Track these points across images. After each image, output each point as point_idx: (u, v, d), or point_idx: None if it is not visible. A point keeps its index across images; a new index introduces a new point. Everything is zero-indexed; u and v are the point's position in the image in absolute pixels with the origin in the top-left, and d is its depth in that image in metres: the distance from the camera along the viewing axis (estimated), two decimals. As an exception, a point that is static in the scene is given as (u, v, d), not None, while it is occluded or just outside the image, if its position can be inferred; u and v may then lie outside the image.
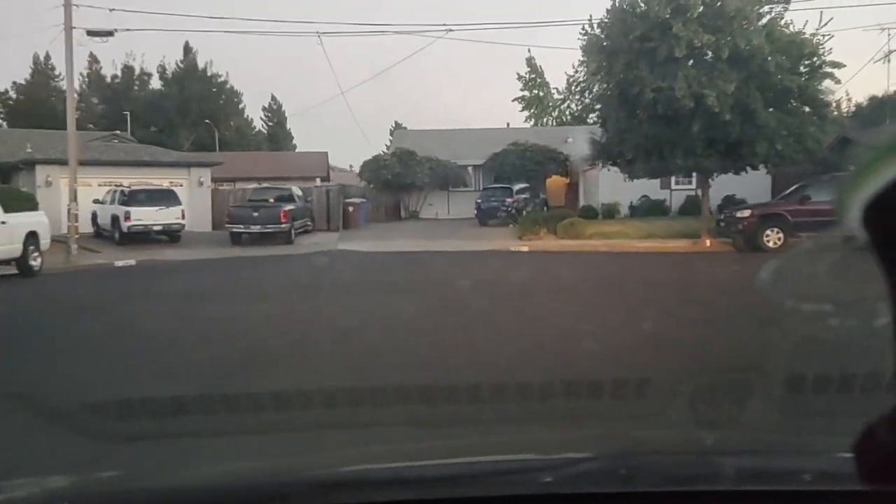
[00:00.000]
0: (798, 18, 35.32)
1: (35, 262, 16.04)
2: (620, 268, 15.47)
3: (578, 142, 33.76)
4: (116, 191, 23.79)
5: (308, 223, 26.84)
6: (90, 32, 19.98)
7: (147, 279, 16.43)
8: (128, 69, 57.98)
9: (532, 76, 54.90)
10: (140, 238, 22.92)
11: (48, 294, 14.13)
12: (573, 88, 53.25)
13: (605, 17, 19.26)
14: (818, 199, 17.47)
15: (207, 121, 54.33)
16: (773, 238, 17.49)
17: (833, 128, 18.78)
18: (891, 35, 46.77)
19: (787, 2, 18.60)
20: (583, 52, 20.08)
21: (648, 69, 18.09)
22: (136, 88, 58.31)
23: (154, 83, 58.31)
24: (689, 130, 17.97)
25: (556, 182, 33.75)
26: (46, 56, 54.40)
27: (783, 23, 18.46)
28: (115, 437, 3.97)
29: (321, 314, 10.05)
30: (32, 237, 15.89)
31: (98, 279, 16.62)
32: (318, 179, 39.97)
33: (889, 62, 35.55)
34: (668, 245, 20.24)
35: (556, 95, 54.55)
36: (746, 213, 17.82)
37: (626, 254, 19.32)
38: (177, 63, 57.65)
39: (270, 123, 65.99)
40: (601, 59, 19.25)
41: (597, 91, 20.66)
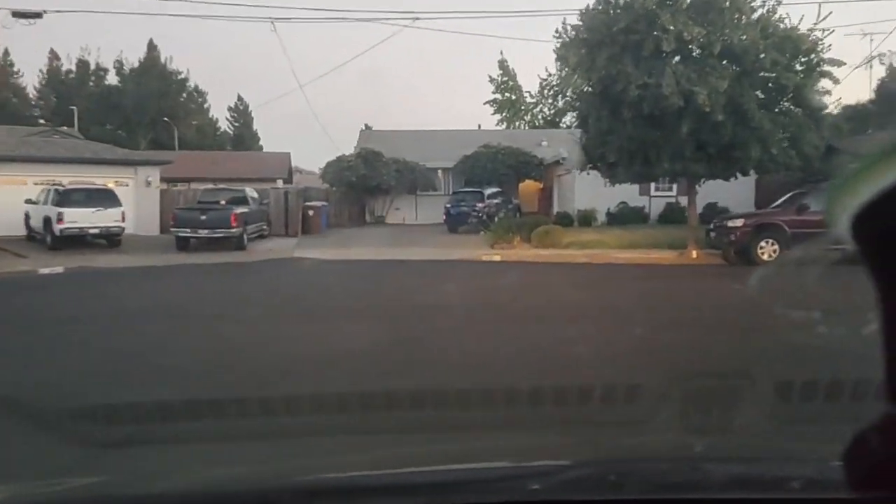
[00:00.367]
0: (792, 14, 34.09)
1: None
2: (603, 283, 13.82)
3: (553, 145, 32.36)
4: (50, 190, 21.63)
5: (264, 227, 24.90)
6: (15, 14, 17.90)
7: (62, 291, 14.39)
8: (83, 64, 55.45)
9: (504, 79, 53.53)
10: (75, 242, 20.80)
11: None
12: (546, 92, 52.93)
13: (587, 8, 17.65)
14: (818, 209, 16.01)
15: (166, 119, 52.03)
16: (768, 251, 15.99)
17: (830, 132, 17.36)
18: (873, 40, 45.95)
19: (782, -6, 17.17)
20: (557, 57, 18.43)
21: (633, 64, 16.52)
22: (92, 84, 55.77)
23: (111, 79, 55.80)
24: (678, 131, 16.43)
25: (530, 187, 32.19)
26: (6, 52, 52.03)
27: (777, 17, 17.00)
28: (100, 443, 3.82)
29: (238, 343, 8.16)
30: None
31: (6, 291, 14.52)
32: (281, 181, 37.97)
33: (871, 68, 34.66)
34: (652, 256, 18.69)
35: (529, 99, 53.32)
36: (739, 223, 16.29)
37: (608, 266, 17.71)
38: (139, 59, 55.26)
39: (236, 124, 63.87)
40: (582, 54, 17.64)
41: (575, 87, 19.05)
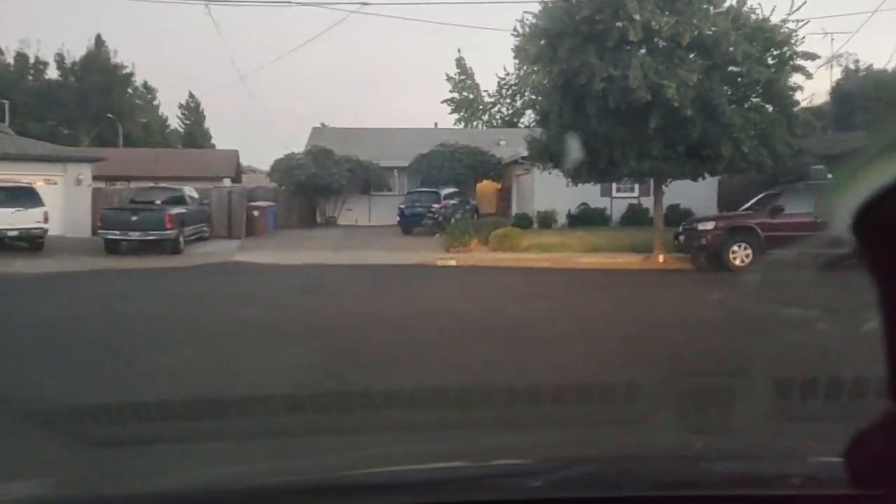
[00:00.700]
0: (764, 4, 33.49)
1: None
2: (568, 291, 12.63)
3: (511, 144, 31.28)
4: (-35, 189, 19.73)
5: (204, 229, 23.25)
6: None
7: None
8: (21, 57, 52.71)
9: (462, 77, 52.37)
10: (-10, 245, 18.98)
11: None
12: (504, 92, 51.93)
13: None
14: (793, 211, 15.10)
15: (110, 115, 49.64)
16: (741, 255, 15.02)
17: (803, 129, 16.49)
18: (834, 39, 45.65)
19: (753, -17, 16.23)
20: (516, 52, 17.20)
21: (598, 56, 15.41)
22: (31, 78, 53.05)
23: (52, 73, 53.14)
24: (645, 128, 15.37)
25: (488, 187, 31.04)
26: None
27: (749, 7, 16.06)
28: (100, 443, 3.71)
29: (96, 375, 6.72)
30: None
31: None
32: (228, 180, 36.19)
33: (832, 68, 34.38)
34: (618, 261, 17.61)
35: (487, 98, 52.25)
36: (710, 226, 15.28)
37: (571, 271, 16.56)
38: (83, 53, 52.68)
39: (187, 122, 61.66)
40: (542, 45, 16.47)
41: (535, 84, 17.90)
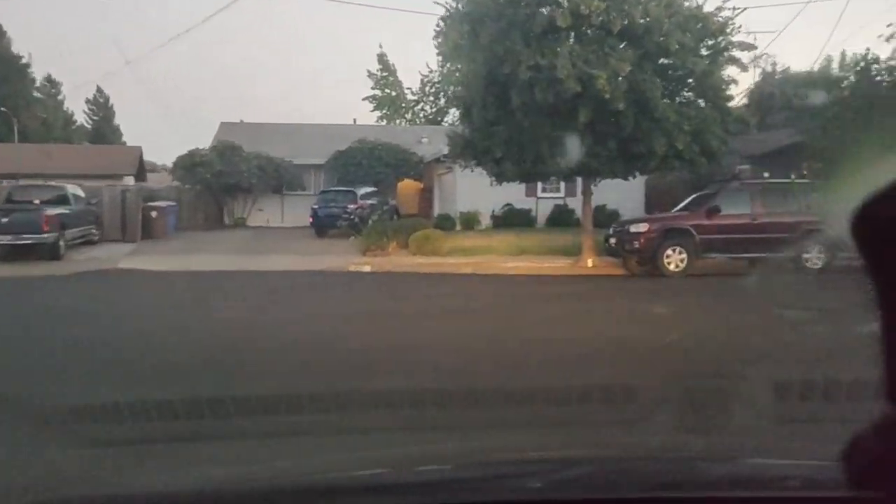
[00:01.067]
0: None
1: None
2: (489, 302, 11.21)
3: (434, 142, 29.92)
4: None
5: (93, 232, 20.97)
6: None
7: None
8: None
9: (384, 74, 50.74)
10: None
11: None
12: (427, 89, 50.56)
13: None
14: (730, 212, 14.18)
15: (3, 109, 45.84)
16: (675, 259, 13.99)
17: (737, 126, 15.63)
18: (756, 38, 45.98)
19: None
20: (437, 41, 15.79)
21: (523, 43, 14.13)
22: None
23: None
24: (574, 122, 14.17)
25: (409, 187, 29.53)
26: None
27: (681, -7, 15.07)
28: (100, 443, 3.81)
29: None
30: None
31: None
32: (132, 179, 33.61)
33: (756, 68, 34.25)
34: (545, 265, 16.40)
35: (411, 96, 50.80)
36: (643, 228, 14.21)
37: (496, 277, 15.24)
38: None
39: (95, 118, 57.97)
40: (464, 31, 15.11)
41: (457, 78, 16.52)
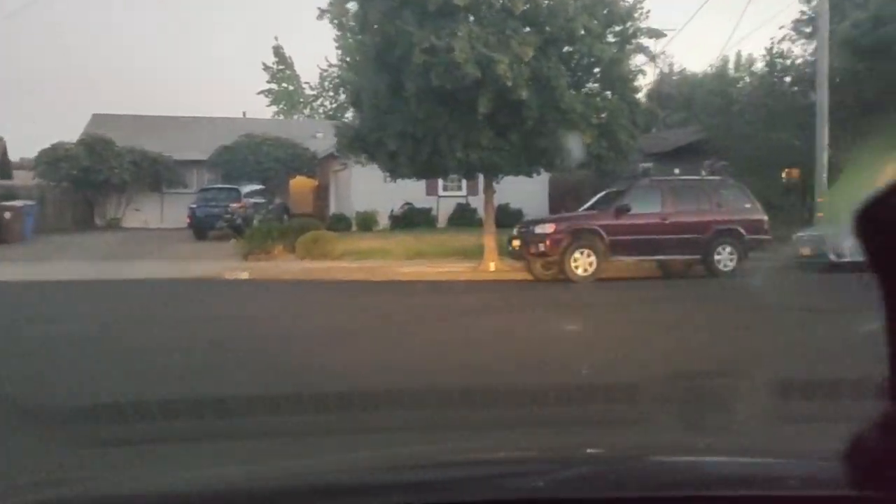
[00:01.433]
0: None
1: None
2: (375, 319, 9.58)
3: (329, 137, 28.11)
4: None
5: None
6: None
7: None
8: None
9: (280, 67, 48.30)
10: None
11: None
12: (326, 84, 48.46)
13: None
14: (640, 211, 13.15)
15: None
16: (583, 263, 12.83)
17: (645, 118, 14.68)
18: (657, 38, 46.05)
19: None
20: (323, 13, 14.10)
21: (417, 23, 12.65)
22: None
23: None
24: (474, 112, 12.83)
25: (302, 184, 27.70)
26: None
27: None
28: (101, 442, 3.76)
29: None
30: None
31: None
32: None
33: (656, 68, 34.19)
34: (444, 269, 15.00)
35: (309, 91, 48.57)
36: (549, 229, 12.98)
37: (389, 284, 13.72)
38: None
39: (-39, 109, 52.80)
40: (353, 8, 13.54)
41: (341, 56, 14.89)
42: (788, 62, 19.62)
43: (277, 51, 47.22)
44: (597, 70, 14.37)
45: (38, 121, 54.26)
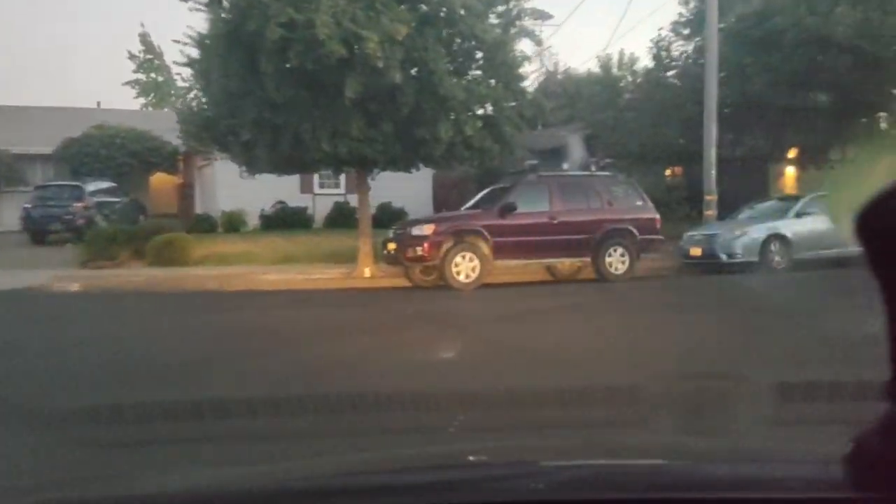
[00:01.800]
0: None
1: None
2: (214, 337, 7.78)
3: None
4: None
5: None
6: None
7: None
8: None
9: (148, 57, 44.80)
10: None
11: None
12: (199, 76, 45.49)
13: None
14: (528, 210, 11.94)
15: None
16: (466, 268, 11.48)
17: (532, 109, 13.50)
18: (542, 31, 45.93)
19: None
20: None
21: (274, -7, 10.96)
22: None
23: None
24: (341, 97, 11.26)
25: (164, 182, 25.19)
26: None
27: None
28: (101, 443, 3.62)
29: None
30: None
31: None
32: None
33: (540, 59, 33.77)
34: (313, 276, 13.34)
35: (181, 83, 45.28)
36: (427, 231, 11.54)
37: (245, 296, 11.93)
38: None
39: None
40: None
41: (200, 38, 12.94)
42: (677, 53, 19.08)
43: (144, 38, 43.73)
44: (480, 55, 13.10)
45: None
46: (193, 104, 12.91)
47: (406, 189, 20.30)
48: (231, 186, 19.51)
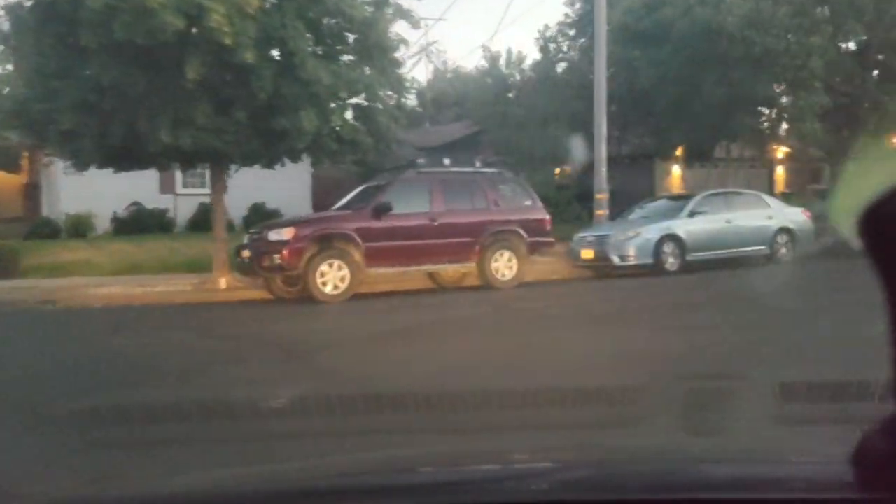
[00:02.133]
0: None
1: None
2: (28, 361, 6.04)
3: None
4: None
5: None
6: None
7: None
8: None
9: None
10: None
11: None
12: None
13: None
14: (405, 211, 10.56)
15: None
16: (333, 278, 9.98)
17: (411, 101, 12.18)
18: (427, 25, 45.12)
19: None
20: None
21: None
22: None
23: None
24: (182, 78, 9.55)
25: (7, 182, 22.35)
26: None
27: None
28: (103, 444, 3.52)
29: None
30: None
31: None
32: None
33: (428, 55, 32.60)
34: (158, 289, 11.51)
35: None
36: (287, 235, 9.94)
37: (74, 313, 9.98)
38: None
39: None
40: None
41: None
42: (566, 47, 18.27)
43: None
44: (352, 38, 11.68)
45: None
46: (6, 88, 10.81)
47: (281, 188, 18.67)
48: (77, 186, 17.15)
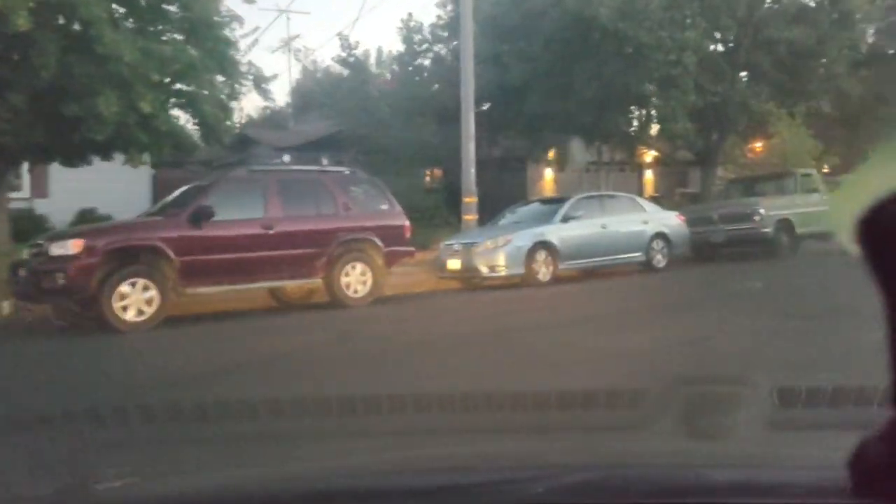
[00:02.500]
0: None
1: None
2: None
3: None
4: None
5: None
6: None
7: None
8: None
9: None
10: None
11: None
12: None
13: None
14: (232, 217, 8.74)
15: None
16: (137, 301, 7.95)
17: (245, 79, 10.34)
18: (290, 19, 42.83)
19: None
20: None
21: None
22: None
23: None
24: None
25: None
26: None
27: None
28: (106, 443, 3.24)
29: None
30: None
31: None
32: None
33: (291, 50, 30.91)
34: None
35: None
36: (73, 248, 7.84)
37: None
38: None
39: None
40: None
41: None
42: (430, 37, 16.93)
43: None
44: (174, 12, 9.77)
45: None
46: None
47: (116, 191, 16.37)
48: None
